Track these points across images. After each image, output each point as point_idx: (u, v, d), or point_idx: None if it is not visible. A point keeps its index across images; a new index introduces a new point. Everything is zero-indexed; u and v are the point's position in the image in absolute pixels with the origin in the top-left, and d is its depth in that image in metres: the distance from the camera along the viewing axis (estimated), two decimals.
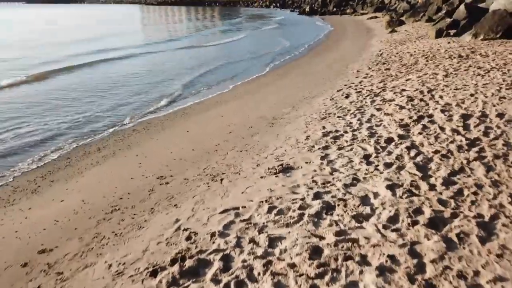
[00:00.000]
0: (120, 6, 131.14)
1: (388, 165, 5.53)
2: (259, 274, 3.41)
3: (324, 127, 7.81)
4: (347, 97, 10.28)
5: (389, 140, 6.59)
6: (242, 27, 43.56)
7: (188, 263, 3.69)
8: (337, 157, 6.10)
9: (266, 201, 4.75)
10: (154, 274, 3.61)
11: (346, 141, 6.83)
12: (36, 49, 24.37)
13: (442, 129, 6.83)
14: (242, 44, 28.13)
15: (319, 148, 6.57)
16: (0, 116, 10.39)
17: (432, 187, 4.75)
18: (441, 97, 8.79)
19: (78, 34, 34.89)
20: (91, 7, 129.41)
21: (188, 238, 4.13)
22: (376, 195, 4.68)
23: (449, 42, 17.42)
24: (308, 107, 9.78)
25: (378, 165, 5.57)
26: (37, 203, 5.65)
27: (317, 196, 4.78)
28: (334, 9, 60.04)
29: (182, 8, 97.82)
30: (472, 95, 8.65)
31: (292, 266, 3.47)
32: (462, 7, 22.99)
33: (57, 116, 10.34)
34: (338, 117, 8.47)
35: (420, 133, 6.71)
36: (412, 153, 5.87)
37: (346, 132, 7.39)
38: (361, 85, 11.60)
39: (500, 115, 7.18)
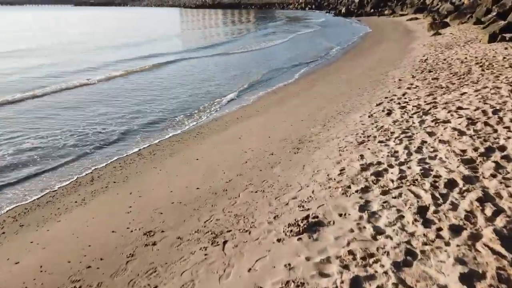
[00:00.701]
0: (161, 9, 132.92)
1: (456, 230, 3.84)
2: None
3: (362, 157, 6.17)
4: (389, 113, 8.53)
5: (451, 184, 4.86)
6: (279, 30, 41.98)
7: None
8: (381, 207, 4.48)
9: None
10: None
11: (392, 181, 5.17)
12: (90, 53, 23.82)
13: None
14: (277, 49, 26.57)
15: (356, 191, 4.96)
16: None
17: None
18: None
19: (124, 37, 34.43)
20: (133, 10, 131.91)
21: None
22: None
23: (506, 48, 15.08)
24: (341, 126, 8.13)
25: (441, 229, 3.90)
26: None
27: (355, 284, 3.21)
28: (372, 10, 57.21)
29: (219, 11, 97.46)
30: None
31: None
32: None
33: (76, 127, 9.29)
34: (380, 142, 6.79)
35: (493, 176, 4.93)
36: (488, 210, 4.14)
37: (390, 166, 5.71)
38: (405, 98, 9.79)
39: None
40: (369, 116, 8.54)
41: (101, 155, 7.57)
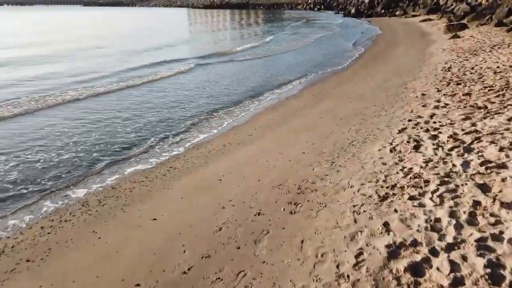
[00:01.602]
0: (171, 10, 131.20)
1: None
2: None
3: (387, 228, 4.14)
4: (417, 146, 6.45)
5: None
6: (287, 33, 39.81)
7: None
8: None
9: None
10: None
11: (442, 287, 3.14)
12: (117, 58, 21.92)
13: None
14: (283, 54, 24.44)
15: None
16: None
17: None
18: None
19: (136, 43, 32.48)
20: (143, 10, 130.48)
21: None
22: None
23: None
24: (355, 165, 6.07)
25: None
26: None
27: None
28: (382, 11, 54.68)
29: (227, 12, 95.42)
30: None
31: None
32: None
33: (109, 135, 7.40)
34: (411, 199, 4.73)
35: None
36: None
37: (433, 252, 3.67)
38: (434, 122, 7.69)
39: None
40: (391, 150, 6.46)
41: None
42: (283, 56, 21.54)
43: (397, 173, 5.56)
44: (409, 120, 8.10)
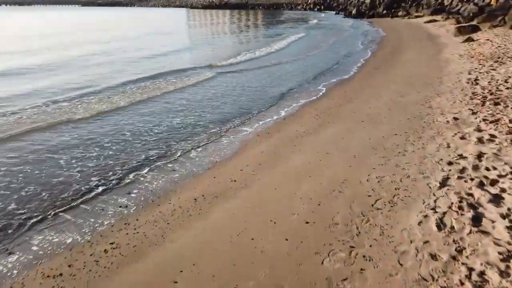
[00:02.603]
0: (170, 10, 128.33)
1: None
2: None
3: None
4: (476, 220, 4.20)
5: None
6: (285, 33, 37.45)
7: None
8: None
9: None
10: None
11: None
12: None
13: None
14: (278, 60, 22.05)
15: None
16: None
17: None
18: None
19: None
20: (142, 10, 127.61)
21: None
22: None
23: None
24: (387, 258, 3.81)
25: None
26: None
27: None
28: (384, 12, 52.22)
29: (227, 12, 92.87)
30: None
31: None
32: None
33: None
34: None
35: None
36: None
37: None
38: (487, 167, 5.43)
39: None
40: (438, 226, 4.19)
41: None
42: (284, 65, 19.19)
43: (455, 272, 3.31)
44: (449, 163, 5.83)
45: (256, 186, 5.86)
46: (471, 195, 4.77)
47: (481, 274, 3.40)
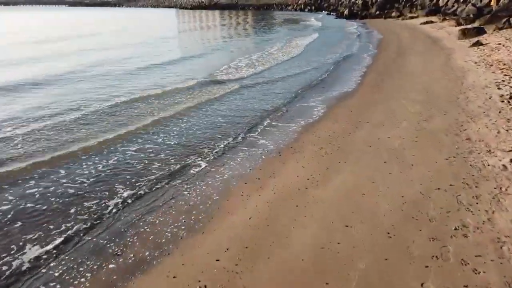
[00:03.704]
0: (161, 10, 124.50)
1: None
2: None
3: None
4: None
5: None
6: (275, 39, 35.10)
7: None
8: None
9: None
10: None
11: None
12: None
13: None
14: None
15: None
16: None
17: None
18: None
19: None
20: (133, 11, 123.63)
21: None
22: None
23: None
24: None
25: None
26: None
27: None
28: (377, 12, 50.15)
29: (216, 13, 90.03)
30: None
31: None
32: None
33: None
34: None
35: None
36: None
37: None
38: None
39: None
40: None
41: None
42: (267, 74, 16.81)
43: None
44: None
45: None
46: None
47: None
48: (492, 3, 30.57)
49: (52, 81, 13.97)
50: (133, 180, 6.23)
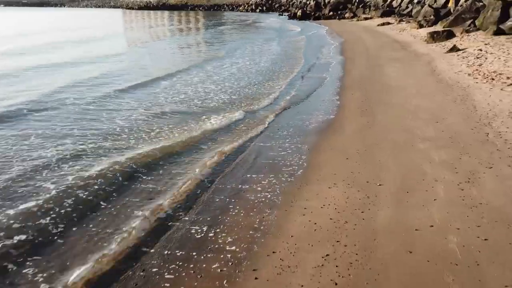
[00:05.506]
0: (107, 11, 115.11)
1: None
2: None
3: None
4: None
5: None
6: (216, 42, 31.53)
7: None
8: None
9: None
10: None
11: None
12: None
13: None
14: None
15: None
16: None
17: None
18: None
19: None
20: (75, 11, 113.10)
21: None
22: None
23: None
24: None
25: None
26: None
27: None
28: (331, 13, 48.24)
29: (165, 13, 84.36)
30: None
31: None
32: None
33: None
34: None
35: None
36: None
37: None
38: None
39: None
40: None
41: None
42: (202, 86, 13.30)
43: None
44: None
45: None
46: None
47: None
48: (449, 4, 29.18)
49: None
50: None
